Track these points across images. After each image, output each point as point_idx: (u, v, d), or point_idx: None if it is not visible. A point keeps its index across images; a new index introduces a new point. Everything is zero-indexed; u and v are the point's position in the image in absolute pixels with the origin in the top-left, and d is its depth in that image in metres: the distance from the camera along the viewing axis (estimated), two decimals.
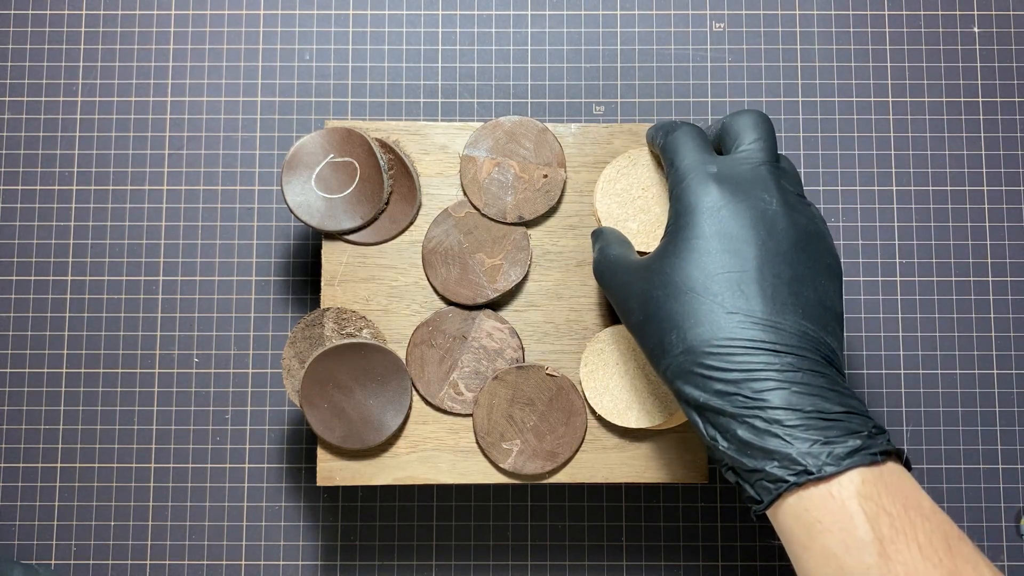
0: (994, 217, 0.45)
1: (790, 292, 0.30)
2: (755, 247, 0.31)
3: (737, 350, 0.29)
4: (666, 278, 0.31)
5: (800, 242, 0.31)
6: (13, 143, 0.45)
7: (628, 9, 0.46)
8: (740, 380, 0.29)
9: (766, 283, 0.30)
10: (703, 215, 0.31)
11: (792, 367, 0.29)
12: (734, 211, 0.31)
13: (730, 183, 0.32)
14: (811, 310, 0.30)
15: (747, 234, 0.31)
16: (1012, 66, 0.46)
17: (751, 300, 0.30)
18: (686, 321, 0.30)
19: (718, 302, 0.30)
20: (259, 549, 0.43)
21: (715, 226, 0.31)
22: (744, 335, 0.29)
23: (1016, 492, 0.44)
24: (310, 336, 0.39)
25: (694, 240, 0.31)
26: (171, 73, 0.45)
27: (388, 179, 0.39)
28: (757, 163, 0.33)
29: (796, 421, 0.28)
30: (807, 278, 0.31)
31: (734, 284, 0.30)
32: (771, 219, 0.31)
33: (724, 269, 0.30)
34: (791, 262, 0.31)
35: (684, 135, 0.35)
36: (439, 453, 0.39)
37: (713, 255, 0.31)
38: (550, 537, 0.43)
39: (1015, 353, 0.44)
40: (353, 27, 0.46)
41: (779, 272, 0.30)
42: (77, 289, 0.44)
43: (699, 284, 0.30)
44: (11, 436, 0.43)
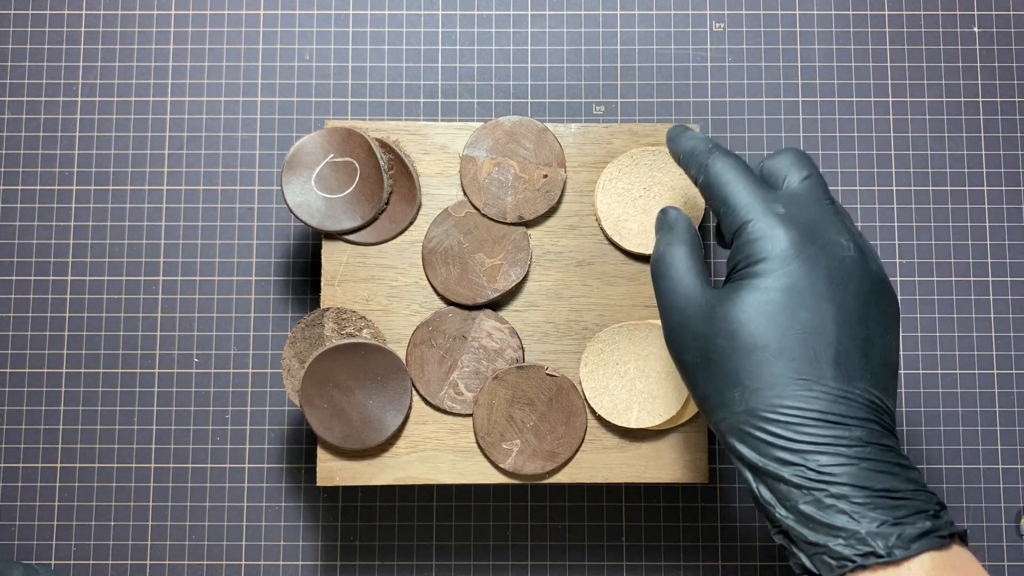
0: (994, 217, 0.45)
1: (861, 355, 0.29)
2: (833, 305, 0.29)
3: (805, 421, 0.28)
4: (733, 329, 0.29)
5: (872, 295, 0.30)
6: (13, 143, 0.45)
7: (628, 9, 0.46)
8: (806, 452, 0.27)
9: (841, 347, 0.28)
10: (777, 264, 0.29)
11: (860, 442, 0.28)
12: (811, 262, 0.29)
13: (801, 227, 0.30)
14: (878, 374, 0.29)
15: (824, 289, 0.29)
16: (1012, 66, 0.46)
17: (824, 367, 0.28)
18: (752, 380, 0.28)
19: (791, 366, 0.28)
20: (259, 549, 0.43)
21: (790, 278, 0.29)
22: (813, 405, 0.28)
23: (1016, 492, 0.44)
24: (310, 336, 0.39)
25: (768, 292, 0.29)
26: (171, 73, 0.45)
27: (388, 179, 0.39)
28: (820, 199, 0.31)
29: (864, 499, 0.27)
30: (876, 336, 0.29)
31: (808, 347, 0.28)
32: (848, 270, 0.29)
33: (799, 329, 0.28)
34: (864, 320, 0.29)
35: (729, 167, 0.31)
36: (439, 453, 0.39)
37: (787, 311, 0.29)
38: (550, 537, 0.43)
39: (1015, 353, 0.44)
40: (353, 27, 0.46)
41: (854, 333, 0.29)
42: (77, 289, 0.44)
43: (771, 343, 0.28)
44: (11, 436, 0.43)
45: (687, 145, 0.33)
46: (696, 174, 0.33)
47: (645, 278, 0.40)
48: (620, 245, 0.40)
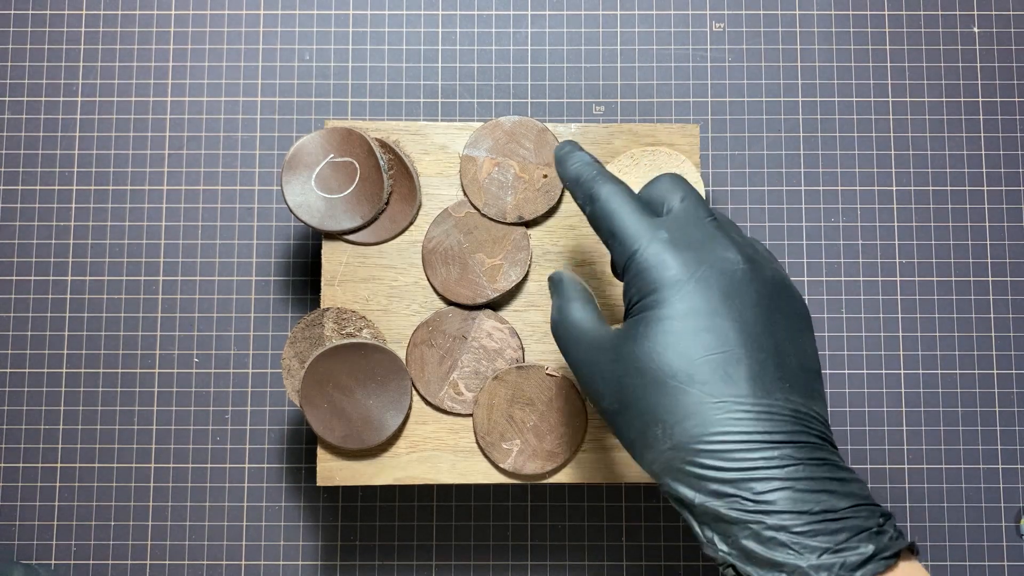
0: (994, 217, 0.45)
1: (775, 365, 0.28)
2: (733, 321, 0.28)
3: (732, 445, 0.27)
4: (641, 365, 0.28)
5: (773, 301, 0.29)
6: (13, 143, 0.45)
7: (628, 9, 0.46)
8: (738, 480, 0.27)
9: (752, 361, 0.28)
10: (670, 291, 0.29)
11: (792, 459, 0.27)
12: (703, 282, 0.29)
13: (688, 249, 0.29)
14: (796, 381, 0.28)
15: (722, 307, 0.28)
16: (1012, 66, 0.46)
17: (739, 384, 0.27)
18: (670, 414, 0.28)
19: (705, 391, 0.27)
20: (259, 549, 0.43)
21: (686, 302, 0.28)
22: (737, 428, 0.27)
23: (1016, 492, 0.44)
24: (310, 336, 0.39)
25: (666, 321, 0.28)
26: (171, 73, 0.45)
27: (388, 179, 0.39)
28: (701, 218, 0.30)
29: (803, 527, 0.26)
30: (786, 342, 0.29)
31: (719, 367, 0.27)
32: (741, 283, 0.29)
33: (705, 351, 0.28)
34: (770, 330, 0.28)
35: (614, 195, 0.31)
36: (439, 453, 0.39)
37: (690, 336, 0.28)
38: (550, 537, 0.43)
39: (1015, 353, 0.44)
40: (353, 27, 0.46)
41: (762, 344, 0.28)
42: (77, 289, 0.44)
43: (680, 371, 0.28)
44: (11, 436, 0.43)
45: (573, 170, 0.33)
46: (583, 204, 0.32)
47: None
48: None
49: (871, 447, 0.44)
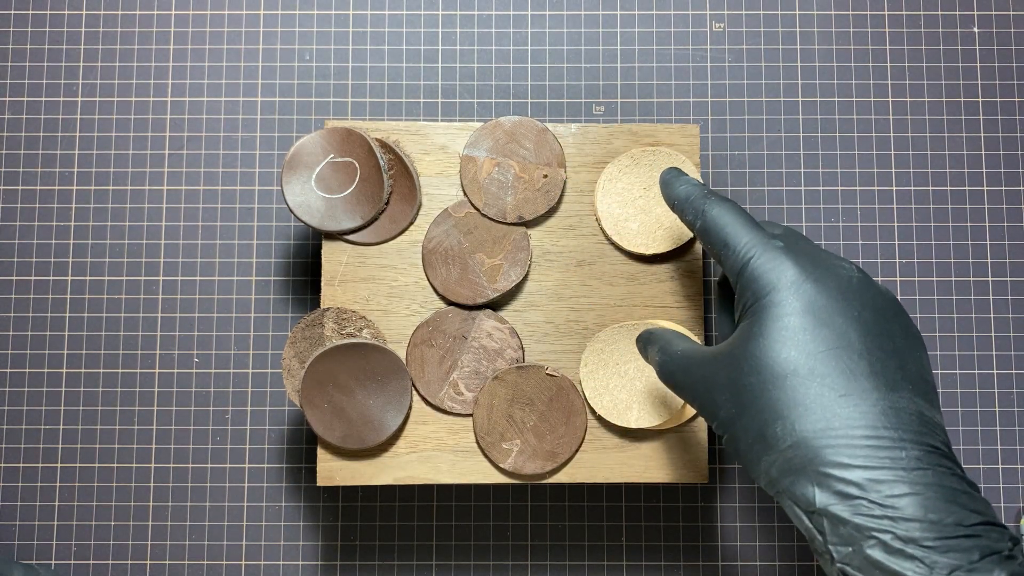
0: (994, 217, 0.45)
1: (897, 367, 0.27)
2: (852, 320, 0.28)
3: (858, 440, 0.26)
4: (758, 362, 0.28)
5: (889, 312, 0.29)
6: (13, 143, 0.45)
7: (628, 9, 0.46)
8: (865, 481, 0.25)
9: (874, 358, 0.27)
10: (786, 290, 0.28)
11: (920, 464, 0.26)
12: (821, 282, 0.29)
13: (803, 255, 0.30)
14: (920, 386, 0.28)
15: (840, 306, 0.28)
16: (1012, 66, 0.46)
17: (862, 379, 0.27)
18: (792, 410, 0.27)
19: (826, 383, 0.27)
20: (259, 549, 0.43)
21: (803, 300, 0.28)
22: (863, 422, 0.26)
23: (1016, 492, 0.44)
24: (310, 336, 0.39)
25: (784, 318, 0.28)
26: (171, 73, 0.45)
27: (388, 179, 0.39)
28: (809, 240, 0.31)
29: (935, 540, 0.25)
30: (906, 350, 0.28)
31: (841, 361, 0.27)
32: (858, 289, 0.29)
33: (826, 346, 0.27)
34: (889, 333, 0.28)
35: (726, 211, 0.32)
36: (439, 453, 0.39)
37: (808, 331, 0.28)
38: (550, 537, 0.43)
39: (1015, 353, 0.44)
40: (353, 27, 0.46)
41: (882, 344, 0.28)
42: (77, 289, 0.44)
43: (801, 365, 0.27)
44: (11, 436, 0.43)
45: (681, 191, 0.34)
46: (693, 219, 0.33)
47: (645, 278, 0.40)
48: (620, 245, 0.40)
49: None
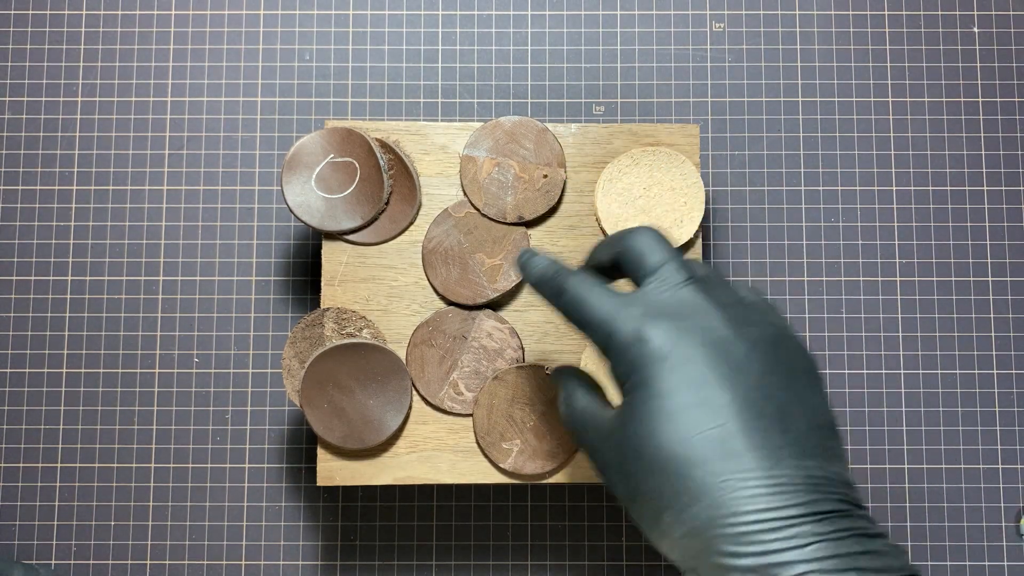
0: (994, 217, 0.45)
1: (779, 431, 0.26)
2: (724, 390, 0.26)
3: (748, 527, 0.25)
4: (637, 451, 0.27)
5: (768, 361, 0.27)
6: (13, 143, 0.45)
7: (628, 9, 0.46)
8: (761, 567, 0.24)
9: (751, 430, 0.26)
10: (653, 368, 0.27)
11: (814, 536, 0.24)
12: (684, 354, 0.27)
13: (663, 321, 0.27)
14: (807, 443, 0.26)
15: (710, 377, 0.26)
16: (1012, 66, 0.46)
17: (741, 458, 0.25)
18: (677, 500, 0.26)
19: (707, 470, 0.25)
20: (259, 549, 0.43)
21: (671, 379, 0.26)
22: (749, 507, 0.25)
23: (1016, 492, 0.44)
24: (310, 336, 0.39)
25: (653, 401, 0.26)
26: (171, 73, 0.45)
27: (388, 179, 0.39)
28: (677, 285, 0.29)
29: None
30: (790, 402, 0.27)
31: (717, 444, 0.25)
32: (727, 349, 0.27)
33: (699, 428, 0.26)
34: (767, 392, 0.26)
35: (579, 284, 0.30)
36: (439, 453, 0.39)
37: (681, 414, 0.26)
38: (550, 537, 0.43)
39: (1015, 353, 0.44)
40: (353, 27, 0.46)
41: (761, 410, 0.26)
42: (77, 289, 0.44)
43: (677, 454, 0.26)
44: (11, 436, 0.43)
45: (536, 272, 0.32)
46: (553, 299, 0.31)
47: None
48: None
49: (871, 447, 0.44)
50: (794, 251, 0.45)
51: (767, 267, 0.45)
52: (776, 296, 0.44)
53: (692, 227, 0.39)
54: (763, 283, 0.45)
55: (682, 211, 0.40)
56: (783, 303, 0.44)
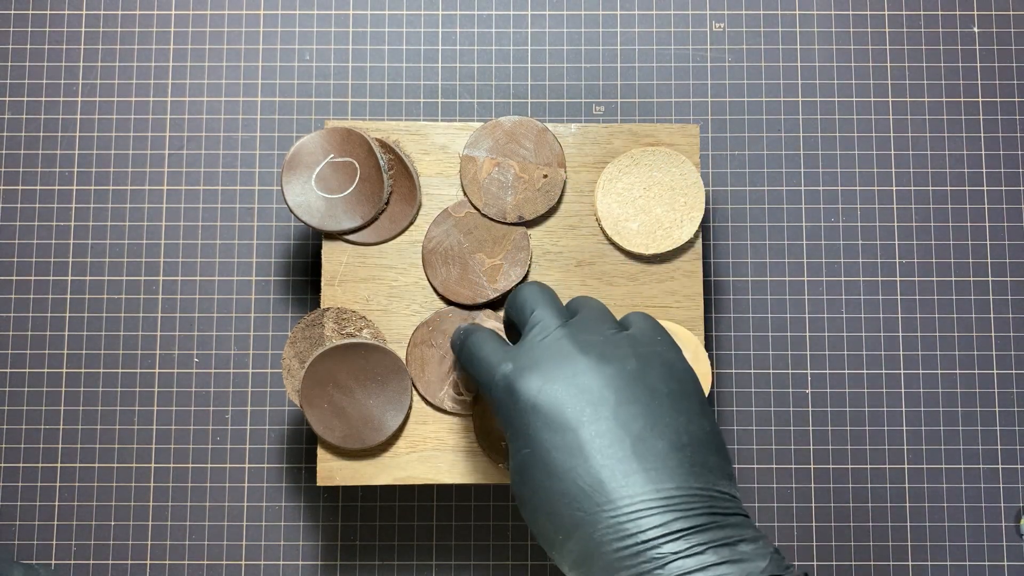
0: (994, 217, 0.45)
1: (636, 458, 0.27)
2: (580, 426, 0.28)
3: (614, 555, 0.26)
4: (522, 498, 0.29)
5: (625, 392, 0.29)
6: (13, 143, 0.45)
7: (628, 9, 0.46)
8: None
9: (606, 461, 0.27)
10: (521, 420, 0.29)
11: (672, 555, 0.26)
12: (548, 396, 0.29)
13: (531, 369, 0.30)
14: (665, 466, 0.27)
15: (569, 414, 0.28)
16: (1012, 66, 0.46)
17: (606, 491, 0.27)
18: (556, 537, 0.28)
19: (573, 508, 0.27)
20: (259, 549, 0.43)
21: (536, 426, 0.29)
22: (610, 537, 0.26)
23: (1016, 492, 0.44)
24: (310, 336, 0.39)
25: (524, 449, 0.29)
26: (171, 73, 0.45)
27: (388, 179, 0.39)
28: (547, 334, 0.31)
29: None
30: (649, 429, 0.28)
31: (578, 482, 0.27)
32: (587, 389, 0.29)
33: (564, 469, 0.28)
34: (625, 422, 0.28)
35: (476, 338, 0.33)
36: (439, 453, 0.39)
37: (548, 456, 0.28)
38: None
39: (1015, 353, 0.44)
40: (353, 27, 0.46)
41: (617, 441, 0.28)
42: (77, 289, 0.44)
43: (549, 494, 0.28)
44: (11, 436, 0.43)
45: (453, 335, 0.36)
46: (457, 355, 0.34)
47: (645, 278, 0.40)
48: (620, 245, 0.40)
49: (871, 447, 0.44)
50: (794, 251, 0.45)
51: (767, 267, 0.45)
52: (776, 296, 0.44)
53: (692, 227, 0.39)
54: (763, 283, 0.45)
55: (682, 211, 0.40)
56: (783, 303, 0.44)
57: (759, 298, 0.44)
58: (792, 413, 0.44)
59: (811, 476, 0.44)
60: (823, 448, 0.44)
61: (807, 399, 0.44)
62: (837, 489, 0.44)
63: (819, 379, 0.44)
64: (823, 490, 0.43)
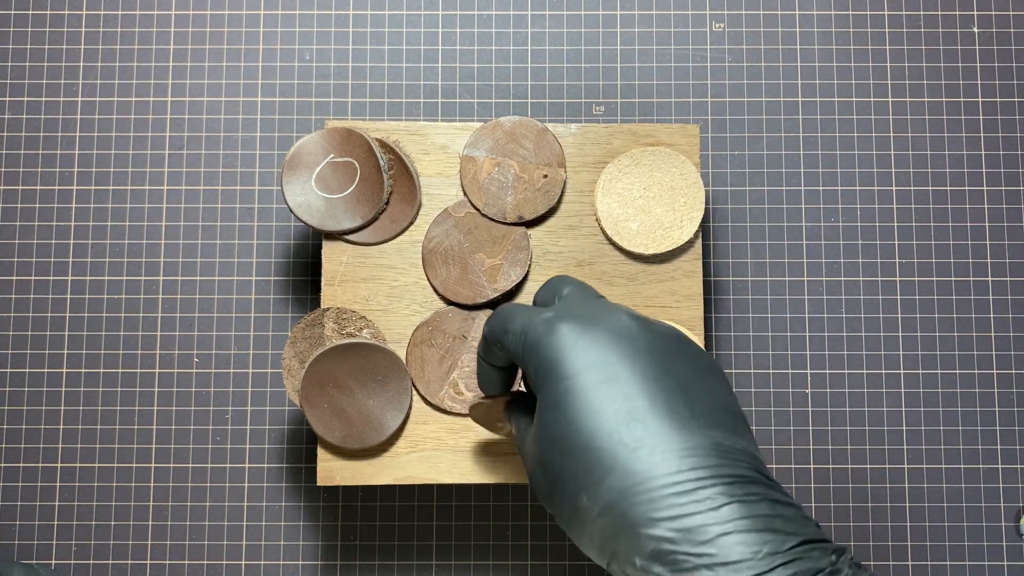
0: (994, 217, 0.45)
1: (684, 403, 0.27)
2: (628, 367, 0.27)
3: (659, 492, 0.25)
4: (551, 436, 0.27)
5: (669, 347, 0.28)
6: (13, 143, 0.45)
7: (628, 9, 0.46)
8: (675, 534, 0.24)
9: (657, 401, 0.26)
10: (560, 355, 0.28)
11: (725, 498, 0.24)
12: (590, 339, 0.28)
13: (573, 318, 0.29)
14: (714, 417, 0.27)
15: (613, 356, 0.27)
16: (1012, 66, 0.46)
17: (650, 425, 0.26)
18: (590, 476, 0.26)
19: (616, 441, 0.26)
20: (259, 549, 0.43)
21: (577, 361, 0.27)
22: (659, 471, 0.25)
23: (1016, 492, 0.44)
24: (310, 336, 0.39)
25: (563, 383, 0.27)
26: (171, 73, 0.45)
27: (388, 179, 0.39)
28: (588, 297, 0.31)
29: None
30: (693, 384, 0.27)
31: (626, 415, 0.26)
32: (630, 336, 0.28)
33: (609, 402, 0.26)
34: (670, 371, 0.27)
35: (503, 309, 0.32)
36: (439, 453, 0.39)
37: (590, 392, 0.27)
38: (550, 537, 0.43)
39: (1015, 353, 0.44)
40: (353, 27, 0.46)
41: (665, 385, 0.27)
42: (77, 289, 0.44)
43: (588, 429, 0.26)
44: (11, 436, 0.43)
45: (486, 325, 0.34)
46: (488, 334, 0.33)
47: (645, 278, 0.40)
48: (620, 245, 0.40)
49: (871, 447, 0.44)
50: (794, 251, 0.45)
51: (767, 267, 0.45)
52: (776, 296, 0.44)
53: (692, 227, 0.39)
54: (763, 283, 0.45)
55: (682, 211, 0.40)
56: (783, 303, 0.44)
57: (759, 298, 0.44)
58: (792, 413, 0.44)
59: (811, 476, 0.44)
60: (823, 448, 0.44)
61: (807, 399, 0.44)
62: (837, 489, 0.44)
63: (819, 379, 0.44)
64: (823, 490, 0.43)
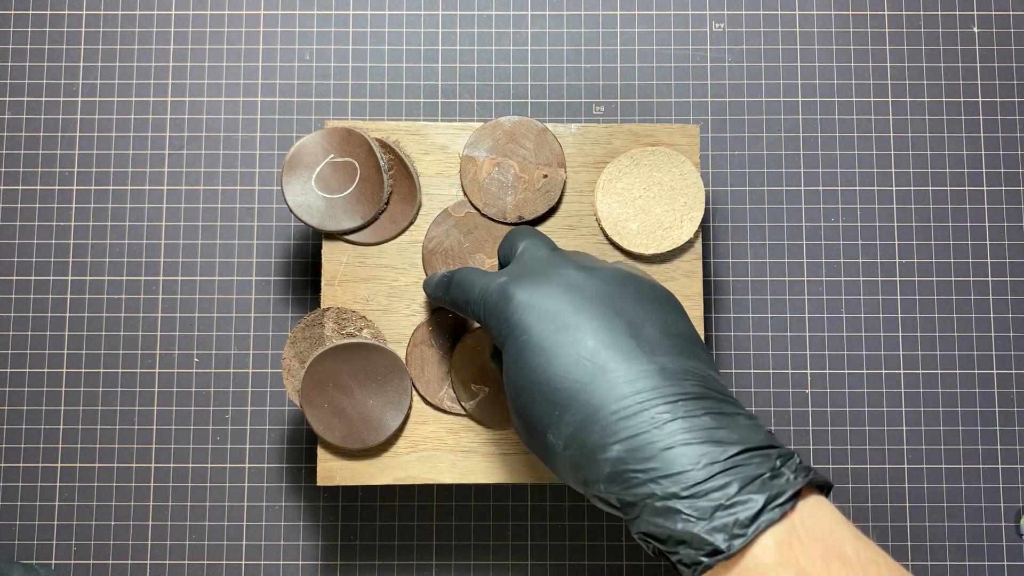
0: (994, 217, 0.45)
1: (630, 335, 0.29)
2: (576, 314, 0.29)
3: (609, 419, 0.27)
4: (517, 384, 0.30)
5: (615, 290, 0.30)
6: (13, 143, 0.45)
7: (628, 9, 0.46)
8: (624, 455, 0.27)
9: (603, 339, 0.29)
10: (516, 316, 0.30)
11: (667, 416, 0.27)
12: (542, 295, 0.30)
13: (524, 277, 0.31)
14: (660, 345, 0.29)
15: (563, 307, 0.30)
16: (1012, 66, 0.46)
17: (598, 361, 0.28)
18: (552, 414, 0.29)
19: (571, 379, 0.28)
20: (259, 549, 0.43)
21: (530, 317, 0.30)
22: (609, 399, 0.27)
23: (1016, 492, 0.44)
24: (310, 336, 0.39)
25: (521, 338, 0.30)
26: (171, 73, 0.45)
27: (388, 179, 0.39)
28: (540, 255, 0.33)
29: (691, 488, 0.25)
30: (640, 318, 0.30)
31: (576, 356, 0.28)
32: (578, 285, 0.30)
33: (561, 348, 0.29)
34: (618, 310, 0.30)
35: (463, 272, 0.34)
36: (439, 453, 0.39)
37: (544, 340, 0.29)
38: (550, 537, 0.43)
39: (1015, 353, 0.44)
40: (353, 27, 0.46)
41: (611, 323, 0.29)
42: (77, 289, 0.44)
43: (545, 373, 0.29)
44: (11, 436, 0.43)
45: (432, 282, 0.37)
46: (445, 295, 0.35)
47: None
48: (620, 245, 0.40)
49: (871, 447, 0.44)
50: (794, 251, 0.45)
51: (767, 267, 0.45)
52: (776, 296, 0.44)
53: (692, 227, 0.39)
54: (763, 283, 0.45)
55: (682, 211, 0.40)
56: (783, 303, 0.44)
57: (759, 298, 0.44)
58: (792, 413, 0.44)
59: None
60: (823, 448, 0.44)
61: (807, 399, 0.44)
62: (837, 489, 0.44)
63: (819, 379, 0.44)
64: None
